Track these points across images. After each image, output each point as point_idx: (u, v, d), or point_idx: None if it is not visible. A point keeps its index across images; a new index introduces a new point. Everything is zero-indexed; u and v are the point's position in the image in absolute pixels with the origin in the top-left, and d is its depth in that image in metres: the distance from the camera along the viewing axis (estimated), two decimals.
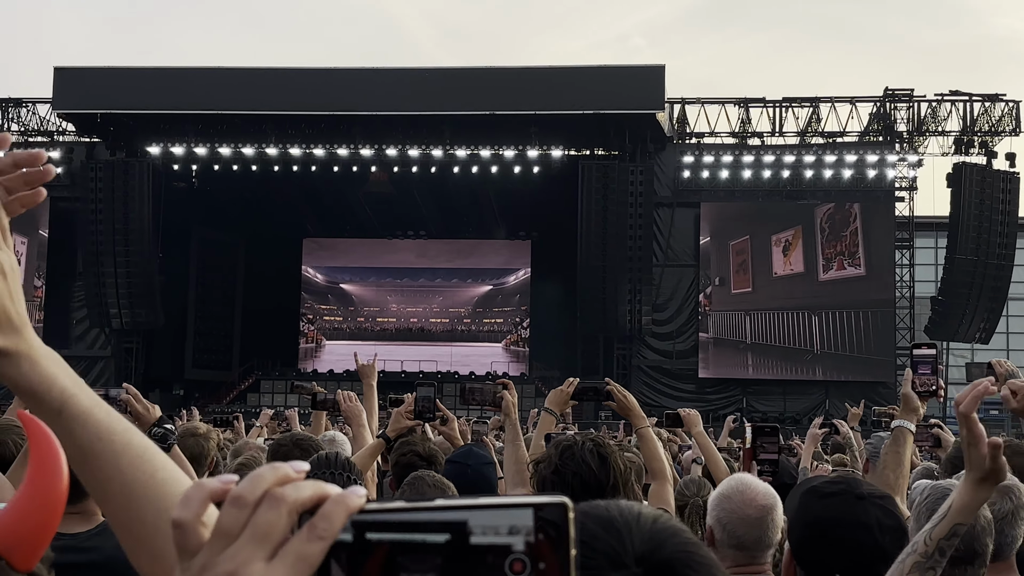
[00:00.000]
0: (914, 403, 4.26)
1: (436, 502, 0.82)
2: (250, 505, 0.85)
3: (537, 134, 34.38)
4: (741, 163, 35.01)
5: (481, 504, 0.81)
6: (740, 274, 36.18)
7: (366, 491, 0.85)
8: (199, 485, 0.90)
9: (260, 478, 0.86)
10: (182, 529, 0.88)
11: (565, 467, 3.47)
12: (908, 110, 34.92)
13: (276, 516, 0.84)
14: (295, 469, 0.88)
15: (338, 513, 0.82)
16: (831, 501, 2.81)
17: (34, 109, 37.23)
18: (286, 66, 35.34)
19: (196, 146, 35.47)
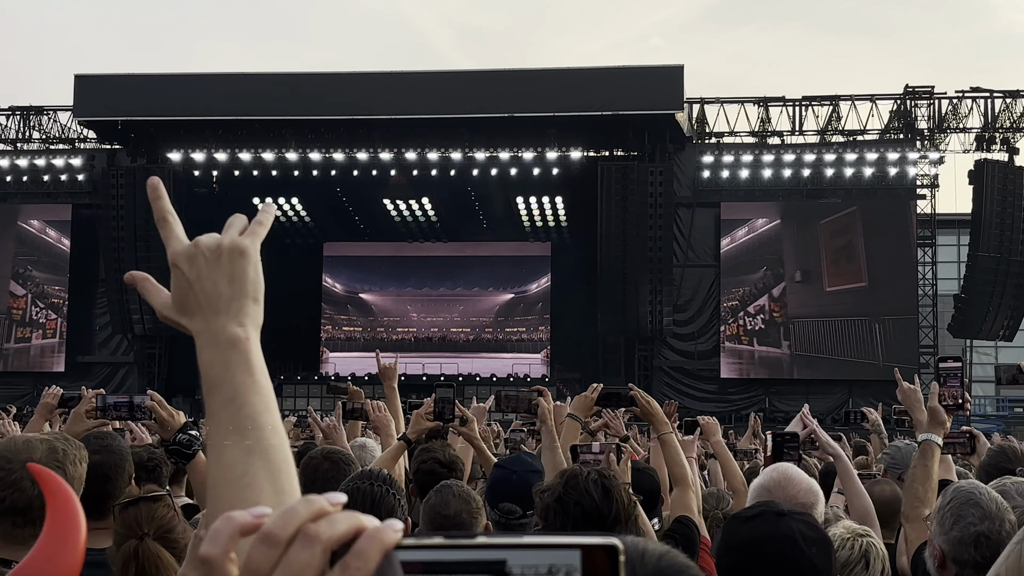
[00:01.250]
0: (941, 416, 4.25)
1: (477, 539, 0.78)
2: (282, 543, 0.81)
3: (556, 136, 34.35)
4: (761, 162, 34.88)
5: (524, 543, 0.77)
6: (842, 263, 35.38)
7: (402, 525, 0.81)
8: (228, 519, 0.86)
9: (294, 513, 0.82)
10: (209, 566, 0.84)
11: (568, 496, 3.45)
12: (929, 107, 34.75)
13: (309, 556, 0.80)
14: (331, 501, 0.84)
15: (373, 550, 0.79)
16: (754, 522, 2.81)
17: (55, 117, 37.43)
18: (305, 71, 35.48)
19: (216, 152, 35.59)
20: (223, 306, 1.35)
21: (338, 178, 36.66)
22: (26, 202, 37.59)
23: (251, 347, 1.34)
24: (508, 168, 35.57)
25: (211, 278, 1.36)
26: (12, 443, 3.10)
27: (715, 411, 30.92)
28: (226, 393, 1.30)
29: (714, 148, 35.32)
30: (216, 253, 1.37)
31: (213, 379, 1.32)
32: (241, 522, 0.85)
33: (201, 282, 1.36)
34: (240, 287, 1.36)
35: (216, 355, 1.32)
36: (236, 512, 0.86)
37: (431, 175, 36.06)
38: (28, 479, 2.97)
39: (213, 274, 1.36)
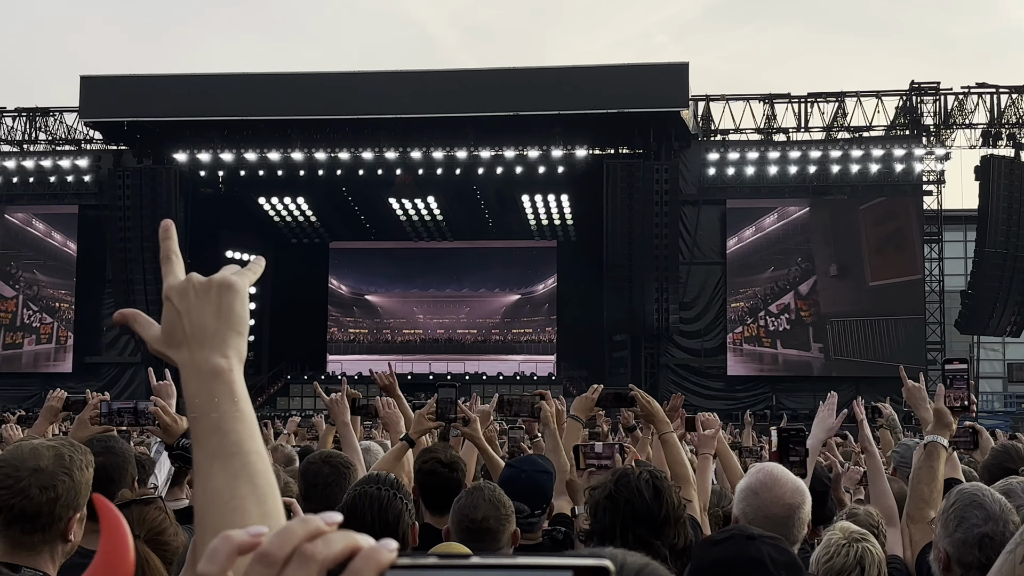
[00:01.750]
0: (947, 418, 4.26)
1: (471, 559, 0.78)
2: (279, 563, 0.81)
3: (561, 134, 34.34)
4: (767, 159, 34.84)
5: (517, 564, 0.77)
6: (887, 254, 34.80)
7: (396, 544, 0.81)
8: (226, 538, 0.86)
9: (290, 533, 0.83)
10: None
11: (619, 494, 3.48)
12: (935, 103, 34.70)
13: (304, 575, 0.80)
14: (327, 521, 0.84)
15: (367, 570, 0.79)
16: (724, 545, 2.81)
17: (61, 118, 37.50)
18: (310, 71, 35.48)
19: (222, 152, 35.61)
20: (208, 339, 1.39)
21: (344, 178, 36.68)
22: (32, 203, 37.67)
23: (235, 377, 1.38)
24: (513, 166, 35.57)
25: (199, 311, 1.41)
26: (19, 450, 3.09)
27: (722, 408, 30.93)
28: (211, 422, 1.33)
29: (719, 145, 35.29)
30: (206, 288, 1.43)
31: (198, 408, 1.35)
32: (239, 541, 0.85)
33: (190, 315, 1.41)
34: (226, 321, 1.41)
35: (200, 385, 1.36)
36: (234, 531, 0.86)
37: (436, 174, 36.06)
38: (36, 486, 2.97)
39: (201, 307, 1.41)
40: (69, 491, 3.02)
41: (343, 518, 0.85)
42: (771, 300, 35.24)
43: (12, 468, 3.00)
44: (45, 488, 2.97)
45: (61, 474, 3.02)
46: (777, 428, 5.37)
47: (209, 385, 1.36)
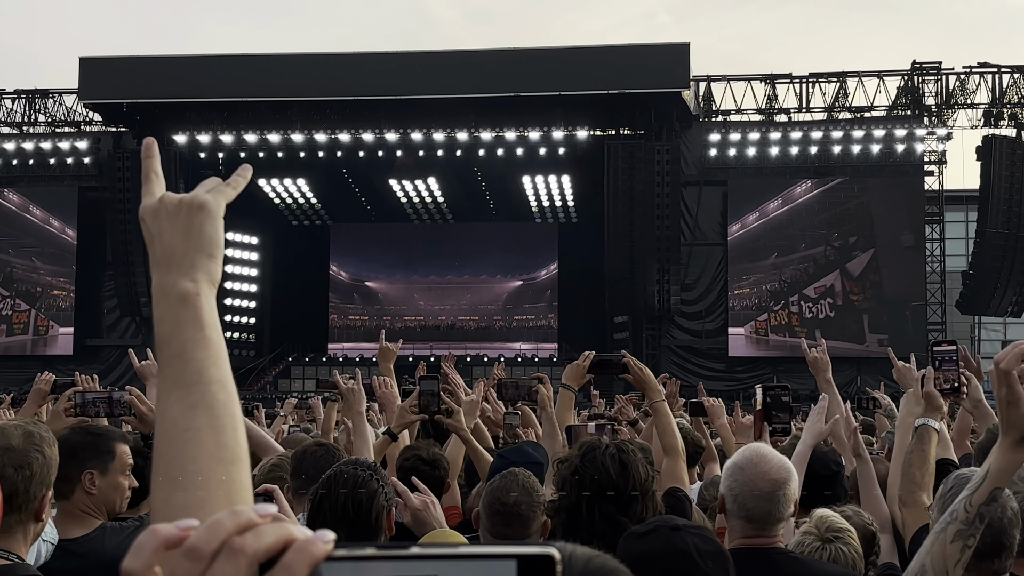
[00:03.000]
0: (937, 401, 4.28)
1: (411, 550, 0.75)
2: (206, 557, 0.79)
3: (562, 115, 34.26)
4: (768, 140, 34.77)
5: (459, 553, 0.75)
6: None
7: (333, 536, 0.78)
8: (153, 531, 0.83)
9: (219, 526, 0.80)
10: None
11: (585, 470, 3.44)
12: (936, 83, 34.61)
13: (234, 570, 0.78)
14: (259, 513, 0.81)
15: (301, 564, 0.76)
16: (648, 537, 2.79)
17: (60, 100, 37.43)
18: (310, 52, 35.38)
19: (222, 134, 35.56)
20: (176, 261, 1.33)
21: (344, 159, 36.62)
22: (32, 185, 37.64)
23: (201, 302, 1.32)
24: (515, 148, 35.52)
25: (169, 233, 1.35)
26: None
27: (723, 389, 30.99)
28: (174, 348, 1.27)
29: (721, 126, 35.21)
30: (177, 208, 1.37)
31: (163, 335, 1.29)
32: (165, 535, 0.82)
33: (161, 237, 1.35)
34: (195, 242, 1.34)
35: (167, 310, 1.31)
36: (161, 525, 0.83)
37: (437, 155, 36.01)
38: (11, 465, 2.94)
39: (172, 228, 1.35)
40: (43, 468, 3.00)
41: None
42: (805, 282, 34.96)
43: None
44: (20, 467, 2.95)
45: (33, 451, 2.99)
46: (762, 385, 5.30)
47: (175, 310, 1.30)
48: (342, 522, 3.47)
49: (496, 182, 39.01)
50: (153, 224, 1.37)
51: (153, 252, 1.36)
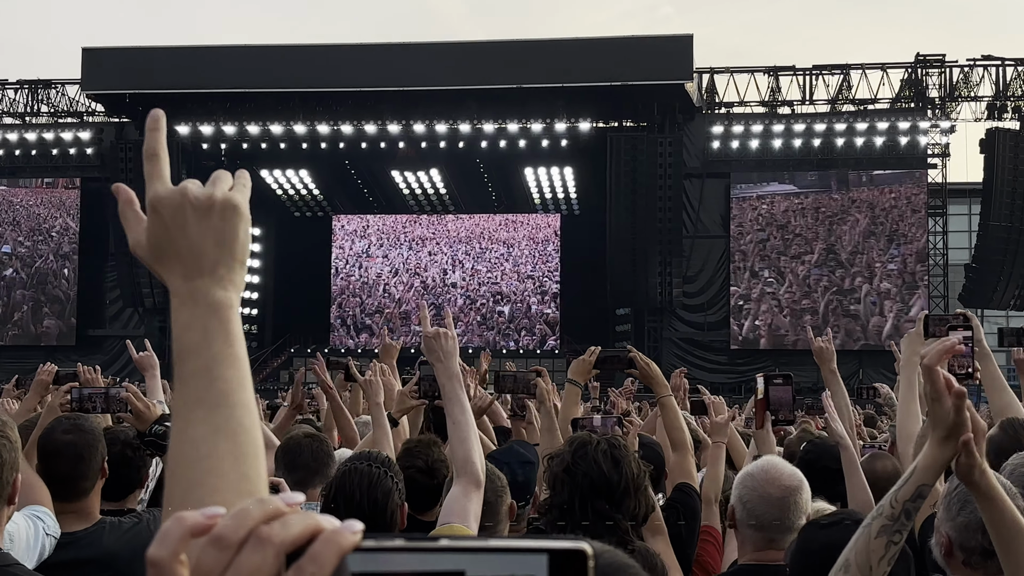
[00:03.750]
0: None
1: (440, 542, 0.75)
2: (233, 546, 0.78)
3: (565, 107, 34.21)
4: (771, 132, 34.71)
5: (488, 547, 0.74)
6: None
7: (362, 526, 0.78)
8: (179, 519, 0.81)
9: (246, 515, 0.79)
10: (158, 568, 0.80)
11: (576, 466, 3.42)
12: (940, 76, 34.53)
13: (261, 559, 0.77)
14: (287, 502, 0.81)
15: (328, 554, 0.76)
16: (831, 530, 2.79)
17: (63, 90, 37.42)
18: (313, 43, 35.38)
19: (225, 124, 35.54)
20: (208, 266, 1.25)
21: (346, 150, 36.61)
22: (35, 176, 37.70)
23: (233, 315, 1.25)
24: (517, 140, 35.48)
25: (198, 233, 1.26)
26: None
27: (725, 382, 30.97)
28: (201, 362, 1.20)
29: (724, 118, 35.16)
30: (207, 206, 1.27)
31: (188, 344, 1.22)
32: (192, 523, 0.80)
33: (185, 234, 1.26)
34: (229, 248, 1.27)
35: (195, 318, 1.23)
36: (187, 512, 0.82)
37: (440, 147, 35.98)
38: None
39: (200, 229, 1.26)
40: (10, 453, 2.98)
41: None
42: (808, 275, 34.71)
43: None
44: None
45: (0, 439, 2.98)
46: (764, 375, 5.24)
47: (204, 320, 1.23)
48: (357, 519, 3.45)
49: (498, 174, 38.99)
50: (174, 218, 1.27)
51: (171, 248, 1.27)
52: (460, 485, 3.44)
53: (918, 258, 34.61)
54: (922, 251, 34.57)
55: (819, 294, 34.64)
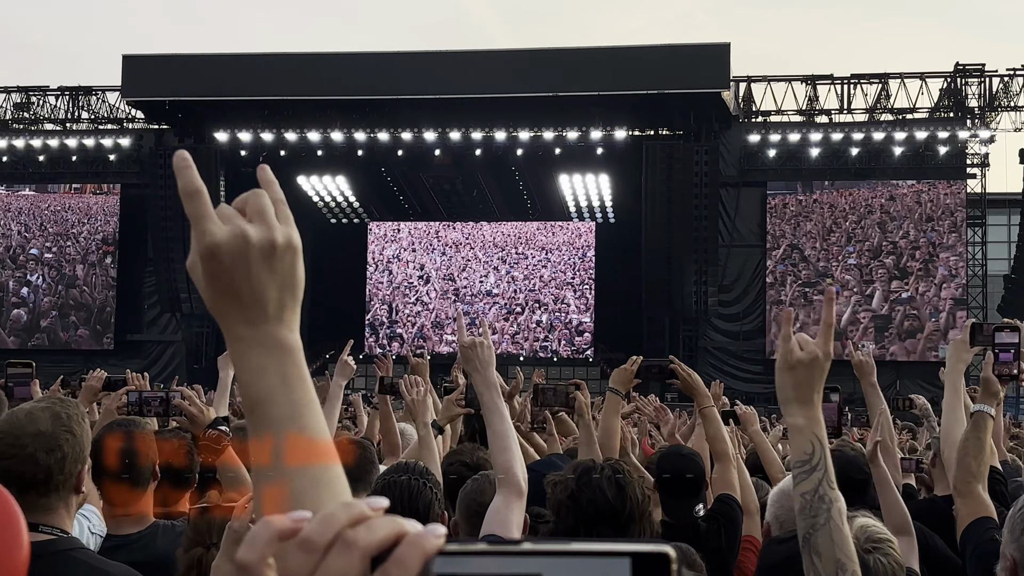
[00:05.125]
0: (994, 387, 4.10)
1: (523, 545, 0.75)
2: (320, 549, 0.79)
3: (601, 115, 34.18)
4: (808, 141, 34.51)
5: (569, 551, 0.74)
6: None
7: (444, 530, 0.78)
8: (266, 523, 0.83)
9: (332, 519, 0.80)
10: (246, 571, 0.82)
11: (581, 493, 3.40)
12: (979, 85, 34.26)
13: (347, 563, 0.78)
14: (372, 506, 0.82)
15: (413, 558, 0.76)
16: (790, 543, 2.77)
17: (104, 97, 37.83)
18: (350, 51, 35.51)
19: (262, 132, 35.77)
20: (273, 311, 1.24)
21: (383, 158, 36.76)
22: (75, 182, 38.16)
23: (302, 358, 1.26)
24: (552, 147, 35.48)
25: (261, 278, 1.23)
26: (14, 417, 3.08)
27: (761, 392, 30.79)
28: (284, 411, 1.19)
29: (760, 127, 35.00)
30: (270, 251, 1.24)
31: (266, 390, 1.20)
32: (279, 527, 0.82)
33: (248, 281, 1.23)
34: (291, 290, 1.27)
35: (268, 363, 1.22)
36: (275, 516, 0.84)
37: (475, 155, 36.04)
38: (42, 450, 2.97)
39: (266, 275, 1.24)
40: (74, 447, 3.04)
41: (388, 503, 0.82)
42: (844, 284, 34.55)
43: (13, 437, 3.00)
44: (51, 450, 2.98)
45: (63, 433, 3.02)
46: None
47: (279, 365, 1.22)
48: None
49: (534, 181, 38.98)
50: (235, 265, 1.22)
51: (233, 294, 1.23)
52: (502, 495, 3.43)
53: (956, 269, 34.30)
54: (960, 262, 34.26)
55: (856, 304, 34.41)
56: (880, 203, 34.76)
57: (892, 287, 34.34)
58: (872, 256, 34.58)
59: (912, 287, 34.26)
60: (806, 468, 2.51)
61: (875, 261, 34.51)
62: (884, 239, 34.60)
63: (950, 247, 34.42)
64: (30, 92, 38.01)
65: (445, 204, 41.04)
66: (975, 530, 3.85)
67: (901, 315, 34.20)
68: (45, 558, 2.90)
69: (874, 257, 34.57)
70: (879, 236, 34.60)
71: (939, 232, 34.43)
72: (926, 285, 34.22)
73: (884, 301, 34.30)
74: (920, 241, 34.48)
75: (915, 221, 34.55)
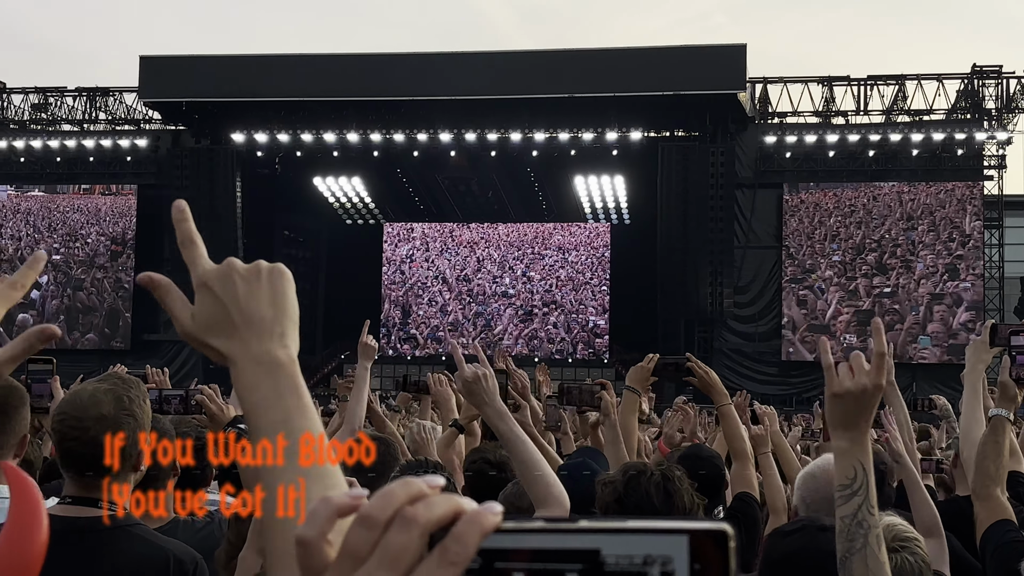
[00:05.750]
0: (1012, 391, 4.09)
1: (579, 523, 0.76)
2: (380, 525, 0.80)
3: (616, 116, 34.16)
4: (825, 142, 34.42)
5: (626, 527, 0.74)
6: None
7: (502, 508, 0.79)
8: (326, 500, 0.85)
9: (392, 495, 0.81)
10: (306, 548, 0.84)
11: (628, 498, 3.39)
12: (997, 87, 34.12)
13: (408, 539, 0.79)
14: (429, 484, 0.83)
15: (472, 535, 0.77)
16: (795, 536, 2.76)
17: (121, 98, 37.95)
18: (366, 52, 35.57)
19: (279, 133, 35.85)
20: (266, 329, 1.31)
21: (399, 159, 36.82)
22: (92, 182, 38.31)
23: (297, 370, 1.32)
24: (568, 149, 35.48)
25: (250, 299, 1.33)
26: (77, 399, 3.12)
27: (777, 394, 30.73)
28: (276, 416, 1.27)
29: (777, 128, 34.92)
30: (254, 274, 1.35)
31: (260, 401, 1.28)
32: (338, 504, 0.84)
33: (238, 303, 1.32)
34: (282, 309, 1.33)
35: (262, 378, 1.29)
36: (334, 494, 0.86)
37: (491, 156, 36.07)
38: (104, 433, 3.02)
39: (252, 295, 1.33)
40: (135, 430, 3.10)
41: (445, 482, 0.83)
42: (860, 286, 34.48)
43: (76, 420, 3.04)
44: (113, 434, 3.04)
45: (124, 416, 3.07)
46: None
47: (272, 378, 1.29)
48: None
49: (549, 182, 38.99)
50: (225, 290, 1.34)
51: (226, 319, 1.33)
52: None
53: (973, 270, 34.17)
54: (977, 263, 34.13)
55: (871, 307, 34.32)
56: (898, 203, 34.66)
57: (899, 285, 34.25)
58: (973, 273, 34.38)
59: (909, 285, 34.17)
60: (847, 492, 2.53)
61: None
62: (896, 240, 34.50)
63: (967, 249, 34.29)
64: (47, 93, 38.17)
65: (460, 205, 41.07)
66: (995, 533, 3.85)
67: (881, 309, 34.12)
68: (103, 532, 3.04)
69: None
70: (893, 236, 34.53)
71: (956, 234, 34.29)
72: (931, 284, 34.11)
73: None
74: (936, 243, 34.35)
75: (932, 222, 34.43)
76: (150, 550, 3.12)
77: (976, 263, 34.15)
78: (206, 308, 1.34)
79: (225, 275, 1.34)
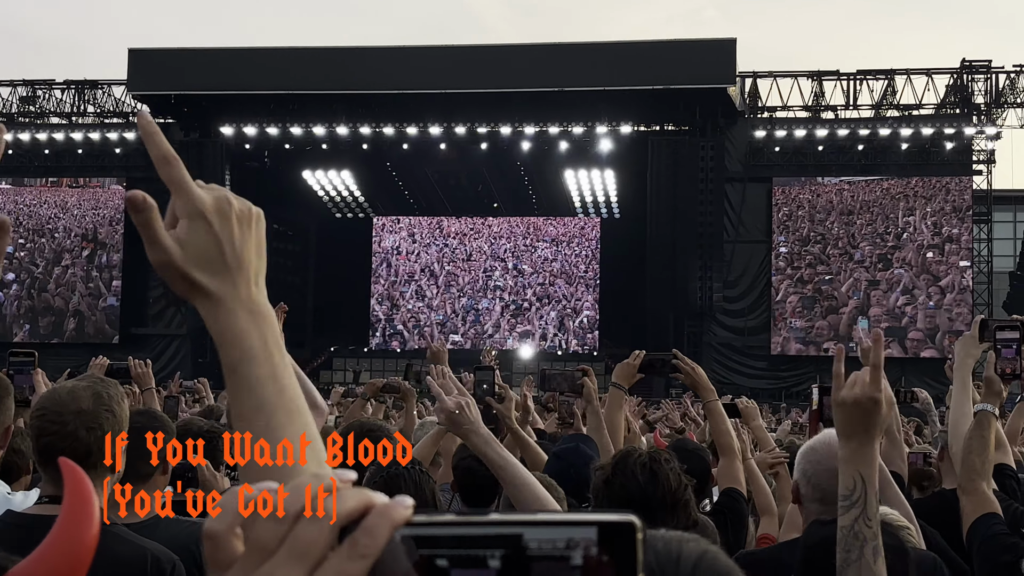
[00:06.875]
0: (997, 386, 4.13)
1: (491, 516, 0.76)
2: (289, 518, 0.79)
3: (606, 110, 34.17)
4: (814, 137, 34.47)
5: (539, 520, 0.75)
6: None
7: (412, 501, 0.79)
8: (234, 494, 0.83)
9: (302, 489, 0.80)
10: (214, 541, 0.82)
11: (615, 478, 3.37)
12: (986, 81, 34.20)
13: (317, 531, 0.78)
14: (340, 478, 0.82)
15: (382, 527, 0.77)
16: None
17: (109, 91, 37.83)
18: (356, 45, 35.54)
19: (268, 126, 35.79)
20: (254, 276, 1.25)
21: (388, 152, 36.78)
22: (81, 175, 38.19)
23: (277, 324, 1.26)
24: (558, 142, 35.48)
25: (243, 242, 1.25)
26: (56, 395, 3.13)
27: (765, 388, 30.80)
28: (267, 369, 1.21)
29: (766, 122, 34.96)
30: (248, 216, 1.27)
31: (249, 351, 1.21)
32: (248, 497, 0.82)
33: (233, 243, 1.24)
34: (263, 258, 1.28)
35: (252, 326, 1.22)
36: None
37: (481, 149, 36.06)
38: (83, 427, 3.02)
39: (245, 238, 1.25)
40: (114, 427, 3.09)
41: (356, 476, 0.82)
42: (850, 281, 34.59)
43: (55, 414, 3.05)
44: (91, 428, 3.04)
45: (104, 412, 3.07)
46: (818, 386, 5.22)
47: (262, 329, 1.23)
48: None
49: (539, 176, 38.99)
50: (222, 226, 1.25)
51: (220, 257, 1.24)
52: None
53: (961, 265, 34.25)
54: (966, 258, 34.20)
55: (861, 301, 34.40)
56: (885, 198, 34.73)
57: (897, 284, 34.33)
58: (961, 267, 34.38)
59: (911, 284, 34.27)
60: (846, 503, 2.58)
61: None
62: (885, 234, 34.57)
63: (956, 243, 34.35)
64: (36, 86, 38.03)
65: (450, 199, 41.05)
66: (981, 526, 3.87)
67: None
68: None
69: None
70: (882, 230, 34.60)
71: (945, 228, 34.35)
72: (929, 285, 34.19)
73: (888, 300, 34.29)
74: (925, 238, 34.43)
75: (921, 217, 34.50)
76: (129, 549, 3.11)
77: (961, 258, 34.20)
78: (199, 240, 1.24)
79: (222, 211, 1.25)
